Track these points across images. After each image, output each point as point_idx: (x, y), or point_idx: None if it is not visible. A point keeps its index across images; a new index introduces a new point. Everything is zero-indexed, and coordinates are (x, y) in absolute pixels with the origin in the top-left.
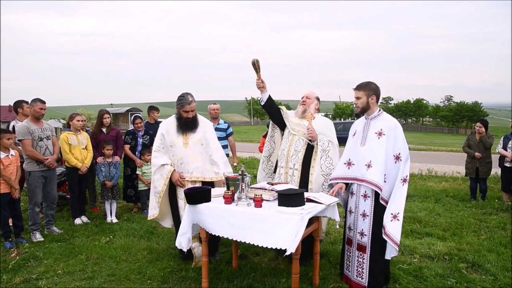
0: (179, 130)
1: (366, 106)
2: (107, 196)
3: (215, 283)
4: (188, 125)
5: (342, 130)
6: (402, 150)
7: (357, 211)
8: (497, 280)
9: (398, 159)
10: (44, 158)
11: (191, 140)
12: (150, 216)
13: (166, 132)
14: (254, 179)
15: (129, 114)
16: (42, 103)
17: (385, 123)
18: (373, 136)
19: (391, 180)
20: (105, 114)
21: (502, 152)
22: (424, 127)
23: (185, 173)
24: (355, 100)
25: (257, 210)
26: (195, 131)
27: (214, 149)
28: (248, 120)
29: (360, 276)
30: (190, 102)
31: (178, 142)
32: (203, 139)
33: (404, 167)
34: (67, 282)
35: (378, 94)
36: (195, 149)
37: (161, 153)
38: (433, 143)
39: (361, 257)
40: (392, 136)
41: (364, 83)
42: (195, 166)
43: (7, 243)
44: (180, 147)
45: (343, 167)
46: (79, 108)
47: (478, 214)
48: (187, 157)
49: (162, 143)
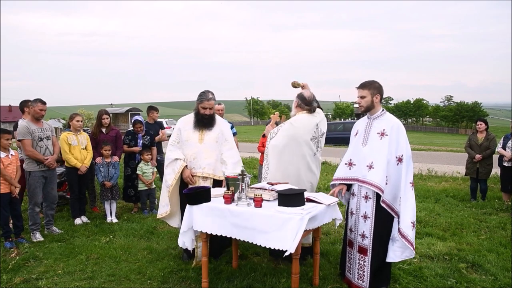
0: (196, 126)
1: (370, 105)
2: (106, 197)
3: (215, 283)
4: (204, 122)
5: (342, 130)
6: (404, 152)
7: (358, 213)
8: (497, 280)
9: (400, 161)
10: (44, 158)
11: (206, 136)
12: (160, 214)
13: (183, 127)
14: (254, 179)
15: (129, 114)
16: (42, 104)
17: (388, 123)
18: (375, 136)
19: (393, 182)
20: (104, 115)
21: (501, 152)
22: (424, 127)
23: (197, 168)
24: (358, 99)
25: (257, 210)
26: (211, 128)
27: (228, 148)
28: (248, 120)
29: (361, 279)
30: (210, 99)
31: (193, 137)
32: (219, 138)
33: (408, 170)
34: (67, 282)
35: (382, 93)
36: (209, 146)
37: (176, 147)
38: (433, 143)
39: (362, 259)
40: (395, 137)
41: (368, 82)
42: (207, 162)
43: (7, 243)
44: (195, 143)
45: (344, 167)
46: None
47: (478, 214)
48: (201, 152)
49: (178, 137)
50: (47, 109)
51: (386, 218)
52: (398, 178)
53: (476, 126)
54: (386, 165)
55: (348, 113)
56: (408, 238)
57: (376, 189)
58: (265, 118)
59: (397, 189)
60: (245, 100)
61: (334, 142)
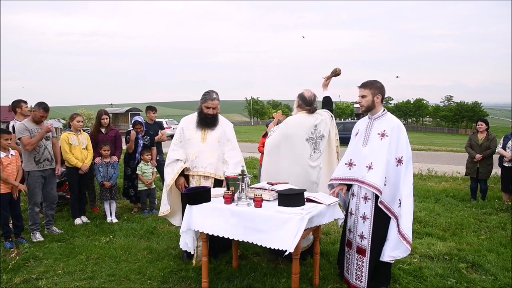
0: (199, 125)
1: (371, 105)
2: (106, 197)
3: (215, 283)
4: (207, 121)
5: (342, 130)
6: (404, 153)
7: (357, 213)
8: (497, 280)
9: (400, 162)
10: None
11: (209, 136)
12: (162, 213)
13: (186, 126)
14: (254, 179)
15: (129, 114)
16: (44, 111)
17: (388, 124)
18: (376, 136)
19: (391, 183)
20: (103, 115)
21: (501, 152)
22: (424, 127)
23: (199, 167)
24: (359, 98)
25: (257, 210)
26: (213, 128)
27: (230, 148)
28: (248, 120)
29: (359, 280)
30: (214, 98)
31: (196, 136)
32: (222, 138)
33: (408, 171)
34: (67, 282)
35: (383, 93)
36: (211, 145)
37: (178, 146)
38: (433, 143)
39: (360, 260)
40: (395, 138)
41: (370, 81)
42: (209, 162)
43: (7, 243)
44: (197, 142)
45: (344, 167)
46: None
47: (478, 214)
48: (203, 152)
49: (180, 136)
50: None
51: (385, 220)
52: (397, 180)
53: (476, 126)
54: (385, 166)
55: (348, 113)
56: (408, 239)
57: (374, 190)
58: (265, 118)
59: (396, 191)
60: (245, 100)
61: None
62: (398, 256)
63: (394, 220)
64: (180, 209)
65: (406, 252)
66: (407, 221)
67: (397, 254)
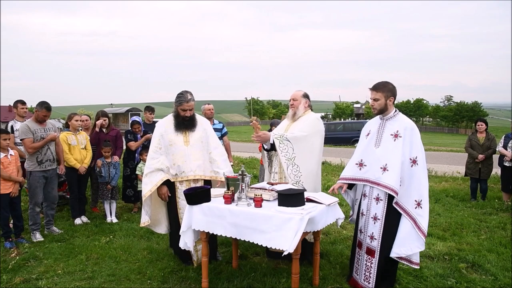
0: (178, 128)
1: (384, 108)
2: (106, 197)
3: (215, 283)
4: (186, 124)
5: (342, 130)
6: (420, 154)
7: (369, 214)
8: (497, 280)
9: (415, 163)
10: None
11: (191, 138)
12: (142, 224)
13: (165, 131)
14: (254, 179)
15: (129, 114)
16: (47, 111)
17: (401, 124)
18: (389, 137)
19: (406, 184)
20: (101, 117)
21: (502, 151)
22: (424, 127)
23: (188, 172)
24: (372, 101)
25: (257, 210)
26: (194, 129)
27: (214, 146)
28: (248, 120)
29: (367, 281)
30: (189, 100)
31: (178, 140)
32: (204, 137)
33: (424, 171)
34: (67, 282)
35: (395, 95)
36: (196, 147)
37: (158, 154)
38: (433, 143)
39: (369, 261)
40: (409, 139)
41: (381, 84)
42: (197, 164)
43: (7, 243)
44: (181, 146)
45: (354, 167)
46: (79, 108)
47: (478, 214)
48: (189, 155)
49: (159, 143)
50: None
51: (396, 221)
52: (411, 180)
53: (476, 126)
54: (400, 167)
55: (348, 113)
56: (425, 235)
57: (391, 192)
58: (265, 118)
59: (410, 191)
60: (245, 100)
61: (334, 142)
62: (411, 252)
63: (410, 221)
64: (165, 216)
65: (421, 247)
66: (426, 221)
67: (407, 251)
